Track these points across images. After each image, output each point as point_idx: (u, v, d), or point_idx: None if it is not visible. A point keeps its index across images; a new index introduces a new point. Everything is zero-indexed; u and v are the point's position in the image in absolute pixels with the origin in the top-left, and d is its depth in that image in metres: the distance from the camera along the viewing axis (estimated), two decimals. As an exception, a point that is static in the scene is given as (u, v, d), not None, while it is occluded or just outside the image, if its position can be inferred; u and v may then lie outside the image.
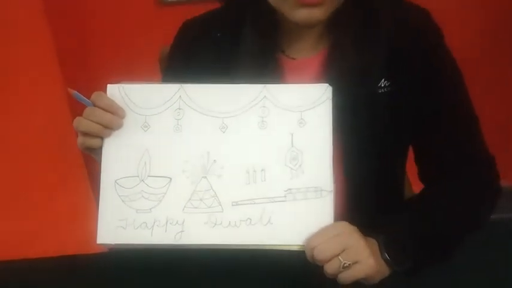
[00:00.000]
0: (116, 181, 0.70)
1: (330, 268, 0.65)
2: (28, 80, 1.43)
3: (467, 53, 0.96)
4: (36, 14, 1.36)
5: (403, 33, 0.76)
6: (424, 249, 0.72)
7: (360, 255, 0.66)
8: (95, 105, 0.69)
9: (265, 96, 0.71)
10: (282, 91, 0.71)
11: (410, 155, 0.88)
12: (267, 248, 0.68)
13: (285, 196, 0.68)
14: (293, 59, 0.80)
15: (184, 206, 0.69)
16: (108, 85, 0.72)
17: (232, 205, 0.68)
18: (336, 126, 0.72)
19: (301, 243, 0.66)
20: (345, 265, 0.64)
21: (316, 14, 0.70)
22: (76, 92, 0.70)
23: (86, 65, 1.62)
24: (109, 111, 0.69)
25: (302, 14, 0.70)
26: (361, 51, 0.74)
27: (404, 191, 0.93)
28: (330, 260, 0.65)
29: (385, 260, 0.69)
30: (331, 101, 0.70)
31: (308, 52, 0.80)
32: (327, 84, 0.70)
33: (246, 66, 0.77)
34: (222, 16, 0.83)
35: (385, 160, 0.80)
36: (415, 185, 0.96)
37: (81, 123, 0.69)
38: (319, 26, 0.77)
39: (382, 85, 0.76)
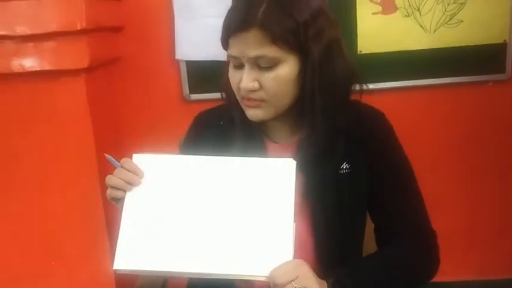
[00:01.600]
0: (134, 221, 0.89)
1: None
2: (67, 162, 1.59)
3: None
4: (80, 104, 1.54)
5: (362, 127, 0.95)
6: None
7: (308, 281, 0.82)
8: (122, 167, 0.90)
9: (240, 168, 0.90)
10: (254, 164, 0.90)
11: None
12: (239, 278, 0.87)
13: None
14: (275, 142, 0.99)
15: (186, 240, 0.87)
16: (134, 154, 0.94)
17: (219, 242, 0.86)
18: (307, 198, 0.92)
19: (266, 275, 0.84)
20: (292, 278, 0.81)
21: (258, 114, 0.92)
22: (109, 156, 0.92)
23: (118, 150, 1.79)
24: (132, 172, 0.90)
25: (249, 113, 0.93)
26: (325, 142, 0.93)
27: (362, 248, 1.06)
28: (286, 285, 0.81)
29: None
30: (294, 171, 0.88)
31: (287, 138, 1.00)
32: (291, 159, 0.89)
33: (239, 147, 0.97)
34: (225, 109, 1.03)
35: (347, 225, 0.95)
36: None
37: (111, 179, 0.90)
38: (291, 118, 0.97)
39: (344, 167, 0.94)
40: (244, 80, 0.89)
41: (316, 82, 0.89)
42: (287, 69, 0.88)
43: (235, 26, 0.87)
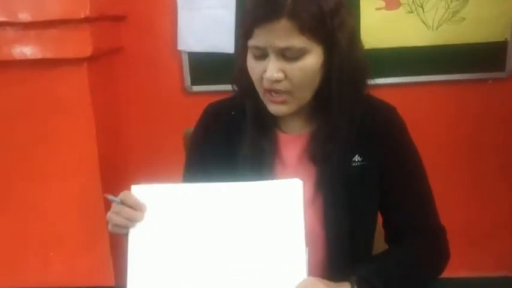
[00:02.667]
0: (141, 255, 0.86)
1: None
2: (67, 151, 1.60)
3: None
4: (82, 93, 1.54)
5: (375, 120, 0.95)
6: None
7: None
8: (123, 203, 0.87)
9: (245, 193, 0.87)
10: (260, 187, 0.87)
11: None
12: None
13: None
14: (287, 133, 0.98)
15: (197, 272, 0.85)
16: (133, 186, 0.89)
17: (230, 272, 0.84)
18: (318, 190, 0.91)
19: None
20: None
21: (282, 109, 0.91)
22: (110, 196, 0.89)
23: (119, 141, 1.80)
24: (134, 208, 0.87)
25: (271, 108, 0.91)
26: (338, 134, 0.92)
27: (372, 245, 1.05)
28: None
29: None
30: (302, 192, 0.85)
31: (299, 129, 0.99)
32: (297, 179, 0.86)
33: (250, 137, 0.96)
34: (236, 100, 1.02)
35: (357, 217, 0.95)
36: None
37: (112, 218, 0.88)
38: (305, 110, 0.96)
39: (356, 159, 0.94)
40: (269, 70, 0.87)
41: (344, 71, 0.88)
42: (313, 59, 0.87)
43: (262, 16, 0.85)
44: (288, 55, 0.86)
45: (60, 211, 1.63)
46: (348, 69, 0.89)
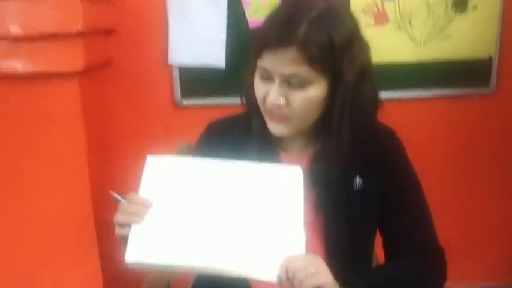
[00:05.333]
0: (145, 217, 0.89)
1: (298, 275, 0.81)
2: (58, 164, 1.58)
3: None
4: (73, 107, 1.52)
5: (374, 145, 0.96)
6: None
7: (326, 278, 0.82)
8: (130, 202, 0.89)
9: (251, 173, 0.94)
10: (264, 169, 0.94)
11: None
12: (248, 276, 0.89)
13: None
14: (289, 153, 0.99)
15: (197, 237, 0.88)
16: (148, 156, 0.96)
17: (229, 240, 0.88)
18: (319, 211, 0.93)
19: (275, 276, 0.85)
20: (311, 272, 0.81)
21: (281, 129, 0.92)
22: (114, 193, 0.92)
23: (109, 155, 1.79)
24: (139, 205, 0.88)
25: (271, 127, 0.93)
26: (339, 159, 0.93)
27: (371, 262, 1.08)
28: (303, 280, 0.80)
29: None
30: (302, 178, 0.92)
31: (301, 149, 1.00)
32: (298, 167, 0.92)
33: (252, 156, 0.96)
34: (240, 120, 1.03)
35: (358, 238, 0.96)
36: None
37: (116, 218, 0.89)
38: (308, 131, 0.96)
39: (357, 182, 0.95)
40: (272, 95, 0.88)
41: (346, 107, 0.89)
42: (317, 90, 0.88)
43: (273, 41, 0.85)
44: (292, 82, 0.87)
45: (50, 225, 1.61)
46: (351, 104, 0.89)
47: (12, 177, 1.56)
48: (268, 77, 0.89)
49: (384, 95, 1.81)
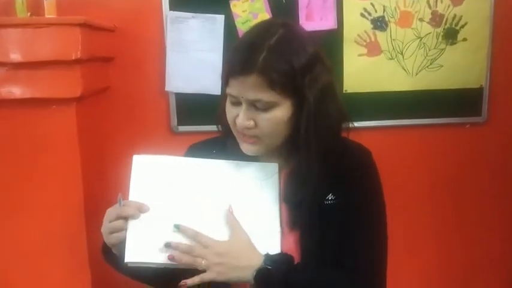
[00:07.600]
0: (139, 218, 0.95)
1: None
2: (53, 190, 1.58)
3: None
4: (69, 133, 1.55)
5: (347, 163, 1.00)
6: None
7: (231, 273, 0.94)
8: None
9: (234, 170, 1.03)
10: (247, 166, 1.03)
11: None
12: None
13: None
14: None
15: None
16: (135, 155, 1.01)
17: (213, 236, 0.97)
18: (294, 228, 0.99)
19: None
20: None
21: (253, 149, 0.99)
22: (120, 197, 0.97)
23: (104, 180, 1.79)
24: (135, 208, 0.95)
25: (243, 147, 0.99)
26: (310, 178, 0.98)
27: None
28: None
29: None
30: (278, 174, 1.03)
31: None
32: (276, 164, 1.03)
33: None
34: (218, 141, 1.10)
35: (335, 252, 0.99)
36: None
37: (107, 225, 0.96)
38: (281, 151, 1.03)
39: (329, 198, 0.99)
40: (240, 118, 0.95)
41: (310, 125, 0.94)
42: (282, 111, 0.94)
43: (236, 69, 0.92)
44: (258, 106, 0.93)
45: (45, 250, 1.61)
46: (315, 122, 0.94)
47: (7, 201, 1.56)
48: (236, 102, 0.95)
49: (377, 123, 1.88)
